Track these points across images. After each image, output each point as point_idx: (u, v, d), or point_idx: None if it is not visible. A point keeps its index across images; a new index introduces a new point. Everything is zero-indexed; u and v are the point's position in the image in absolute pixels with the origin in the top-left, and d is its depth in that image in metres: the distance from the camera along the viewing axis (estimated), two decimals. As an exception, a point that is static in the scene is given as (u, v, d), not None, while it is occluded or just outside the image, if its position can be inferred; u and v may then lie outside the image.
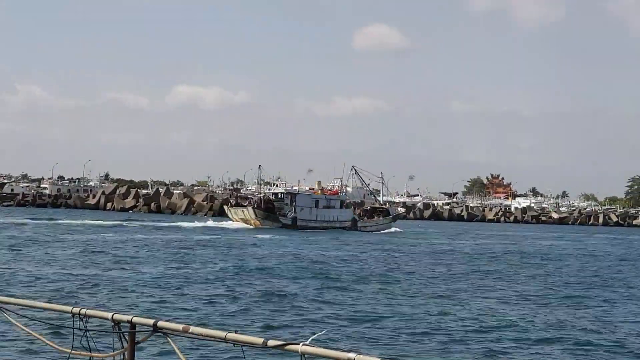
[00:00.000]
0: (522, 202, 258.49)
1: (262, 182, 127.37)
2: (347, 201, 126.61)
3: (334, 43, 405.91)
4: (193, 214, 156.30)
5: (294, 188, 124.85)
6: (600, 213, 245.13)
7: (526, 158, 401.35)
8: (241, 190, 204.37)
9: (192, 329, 6.80)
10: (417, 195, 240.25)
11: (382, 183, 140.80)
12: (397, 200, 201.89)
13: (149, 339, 7.15)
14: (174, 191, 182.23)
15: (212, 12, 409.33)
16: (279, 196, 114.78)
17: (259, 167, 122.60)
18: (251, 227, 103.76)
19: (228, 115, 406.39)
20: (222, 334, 6.60)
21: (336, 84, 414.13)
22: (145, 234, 79.10)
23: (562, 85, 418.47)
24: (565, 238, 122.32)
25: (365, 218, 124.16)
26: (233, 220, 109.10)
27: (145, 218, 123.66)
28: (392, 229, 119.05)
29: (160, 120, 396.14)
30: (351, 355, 5.81)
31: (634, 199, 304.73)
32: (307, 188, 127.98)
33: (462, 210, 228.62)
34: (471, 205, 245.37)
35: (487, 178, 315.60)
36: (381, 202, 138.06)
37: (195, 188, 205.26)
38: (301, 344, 6.09)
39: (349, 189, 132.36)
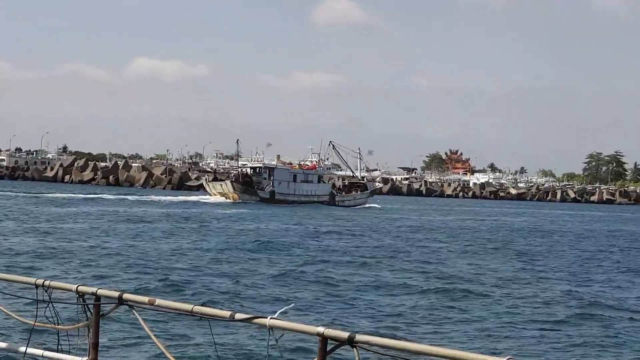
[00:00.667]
0: (480, 178, 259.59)
1: (234, 156, 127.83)
2: (325, 176, 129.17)
3: (294, 17, 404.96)
4: (152, 187, 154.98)
5: (272, 162, 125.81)
6: (558, 189, 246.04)
7: (485, 134, 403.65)
8: (200, 164, 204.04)
9: (158, 301, 6.73)
10: (376, 169, 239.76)
11: (359, 158, 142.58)
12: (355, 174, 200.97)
13: (114, 311, 7.10)
14: (133, 164, 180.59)
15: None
16: (257, 170, 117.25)
17: (237, 142, 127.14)
18: (229, 200, 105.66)
19: (188, 89, 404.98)
20: (188, 306, 6.55)
21: (296, 58, 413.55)
22: (117, 207, 78.71)
23: (524, 63, 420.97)
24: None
25: (344, 193, 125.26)
26: (211, 194, 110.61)
27: (108, 191, 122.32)
28: (371, 204, 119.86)
29: (119, 92, 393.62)
30: (320, 329, 5.78)
31: (591, 175, 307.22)
32: (276, 162, 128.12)
33: (420, 186, 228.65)
34: (430, 180, 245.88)
35: (446, 153, 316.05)
36: (359, 177, 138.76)
37: (154, 161, 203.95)
38: (269, 317, 6.04)
39: (307, 162, 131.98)
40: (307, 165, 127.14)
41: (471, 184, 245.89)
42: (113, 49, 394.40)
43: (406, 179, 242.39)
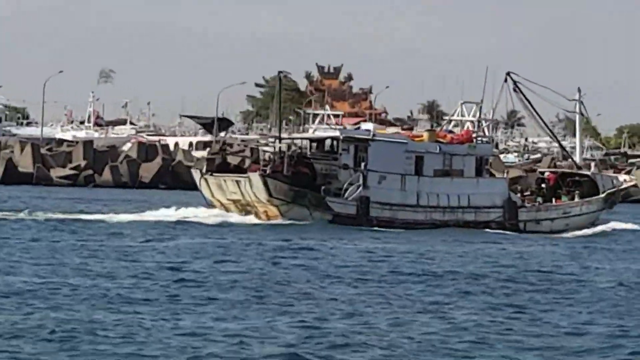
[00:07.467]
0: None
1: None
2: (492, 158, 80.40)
3: None
4: None
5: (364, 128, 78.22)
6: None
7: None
8: None
9: None
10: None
11: (581, 113, 76.75)
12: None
13: None
14: None
15: None
16: (327, 145, 65.65)
17: (279, 74, 73.88)
18: (259, 220, 60.78)
19: None
20: None
21: None
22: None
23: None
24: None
25: (541, 199, 69.48)
26: (214, 204, 63.86)
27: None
28: (607, 225, 67.42)
29: None
30: None
31: None
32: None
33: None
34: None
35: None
36: (577, 160, 78.87)
37: None
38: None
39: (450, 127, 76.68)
40: (448, 134, 70.47)
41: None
42: None
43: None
